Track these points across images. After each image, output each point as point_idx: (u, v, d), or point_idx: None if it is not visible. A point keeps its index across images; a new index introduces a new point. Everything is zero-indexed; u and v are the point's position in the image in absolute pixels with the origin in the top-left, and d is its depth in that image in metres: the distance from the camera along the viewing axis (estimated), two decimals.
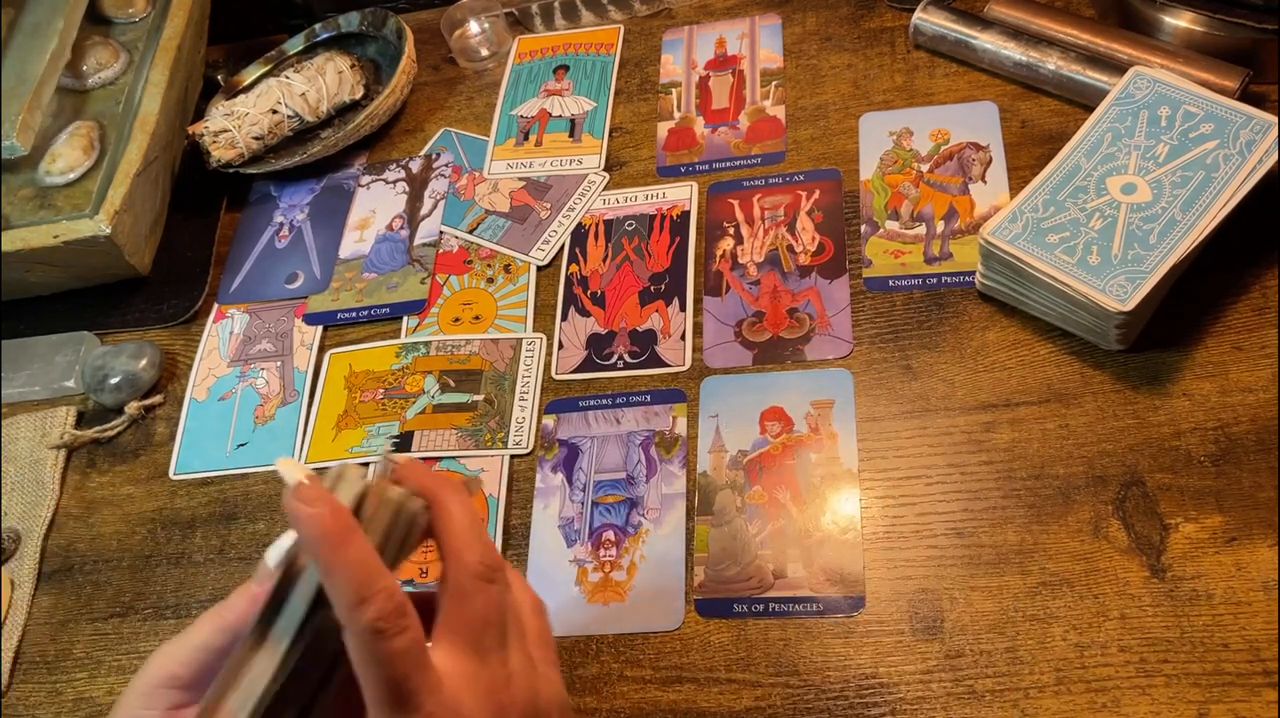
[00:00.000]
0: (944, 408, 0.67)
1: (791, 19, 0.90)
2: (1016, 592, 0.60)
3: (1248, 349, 0.64)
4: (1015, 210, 0.67)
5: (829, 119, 0.83)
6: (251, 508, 0.75)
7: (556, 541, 0.68)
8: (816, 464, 0.67)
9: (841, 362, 0.71)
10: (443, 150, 0.92)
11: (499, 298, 0.81)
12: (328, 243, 0.88)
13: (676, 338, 0.75)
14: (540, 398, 0.75)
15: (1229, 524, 0.59)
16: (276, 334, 0.84)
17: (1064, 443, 0.64)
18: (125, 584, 0.74)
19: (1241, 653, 0.55)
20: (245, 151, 0.91)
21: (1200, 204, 0.64)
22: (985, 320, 0.70)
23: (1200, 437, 0.62)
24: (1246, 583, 0.57)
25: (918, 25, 0.83)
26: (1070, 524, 0.61)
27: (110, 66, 0.92)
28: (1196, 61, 0.74)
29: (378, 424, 0.76)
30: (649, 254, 0.80)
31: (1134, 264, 0.63)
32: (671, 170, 0.84)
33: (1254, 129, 0.66)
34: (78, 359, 0.85)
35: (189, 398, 0.82)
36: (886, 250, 0.74)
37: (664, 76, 0.90)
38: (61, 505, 0.79)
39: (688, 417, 0.71)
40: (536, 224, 0.84)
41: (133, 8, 0.96)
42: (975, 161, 0.77)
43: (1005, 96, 0.80)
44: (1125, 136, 0.68)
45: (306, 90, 0.92)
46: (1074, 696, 0.56)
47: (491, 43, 0.97)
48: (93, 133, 0.88)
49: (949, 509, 0.63)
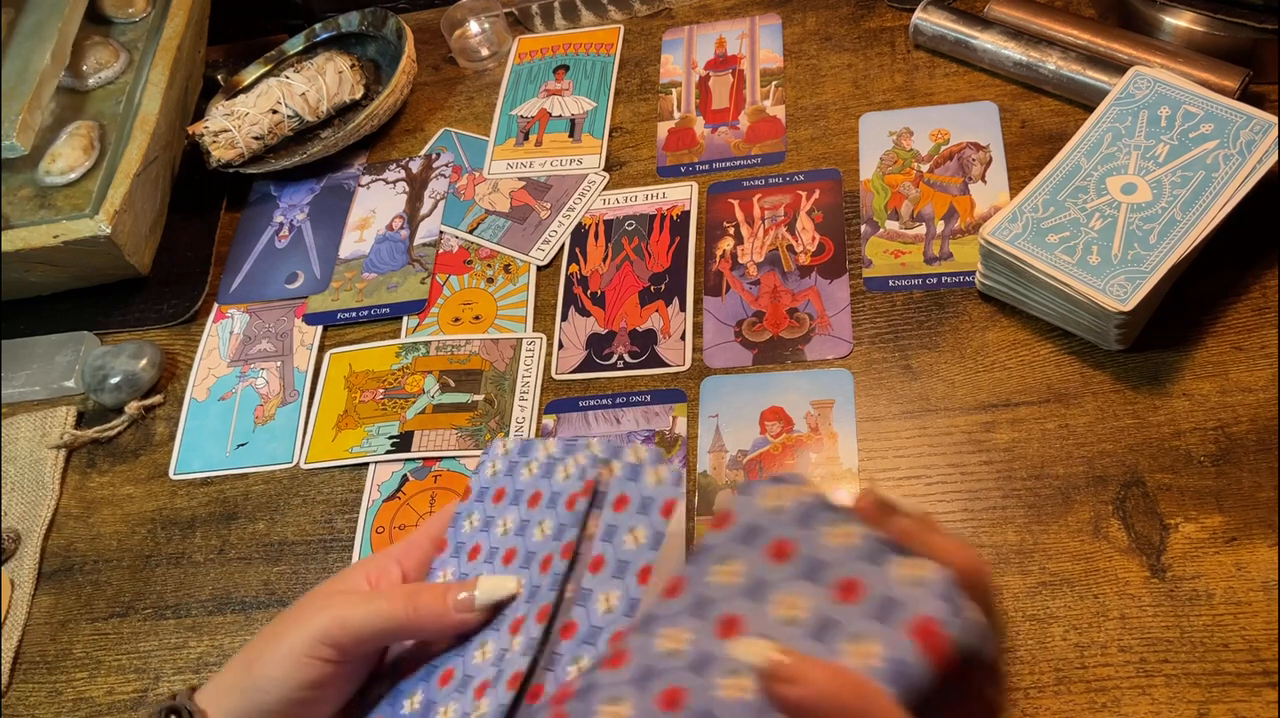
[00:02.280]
0: (944, 408, 0.67)
1: (791, 19, 0.90)
2: (1016, 592, 0.60)
3: (1248, 349, 0.64)
4: (1015, 210, 0.67)
5: (829, 119, 0.83)
6: (251, 508, 0.75)
7: None
8: (816, 464, 0.67)
9: (841, 362, 0.71)
10: (443, 150, 0.92)
11: (499, 298, 0.81)
12: (328, 243, 0.88)
13: (676, 338, 0.75)
14: (540, 398, 0.75)
15: (1229, 524, 0.59)
16: (276, 334, 0.84)
17: (1064, 443, 0.64)
18: (125, 584, 0.74)
19: (1241, 653, 0.55)
20: (245, 151, 0.91)
21: (1200, 204, 0.64)
22: (985, 320, 0.70)
23: (1200, 437, 0.62)
24: (1246, 583, 0.57)
25: (918, 25, 0.83)
26: (1070, 524, 0.61)
27: (110, 66, 0.92)
28: (1196, 61, 0.74)
29: (378, 424, 0.76)
30: (649, 254, 0.80)
31: (1134, 264, 0.63)
32: (671, 170, 0.84)
33: (1254, 129, 0.66)
34: (78, 359, 0.85)
35: (189, 398, 0.82)
36: (886, 250, 0.74)
37: (664, 76, 0.90)
38: (61, 505, 0.79)
39: (688, 417, 0.71)
40: (536, 224, 0.84)
41: (133, 8, 0.96)
42: (975, 161, 0.77)
43: (1005, 96, 0.80)
44: (1125, 136, 0.68)
45: (306, 90, 0.92)
46: (1074, 696, 0.56)
47: (491, 43, 0.97)
48: (93, 133, 0.88)
49: (949, 509, 0.63)
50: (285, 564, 0.72)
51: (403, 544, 0.49)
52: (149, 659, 0.70)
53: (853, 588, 0.31)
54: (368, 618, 0.44)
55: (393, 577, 0.47)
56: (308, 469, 0.76)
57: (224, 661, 0.69)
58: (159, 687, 0.69)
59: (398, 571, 0.48)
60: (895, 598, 0.31)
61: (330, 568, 0.71)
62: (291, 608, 0.46)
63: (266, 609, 0.71)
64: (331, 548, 0.72)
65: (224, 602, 0.72)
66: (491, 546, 0.48)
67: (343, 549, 0.72)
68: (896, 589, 0.31)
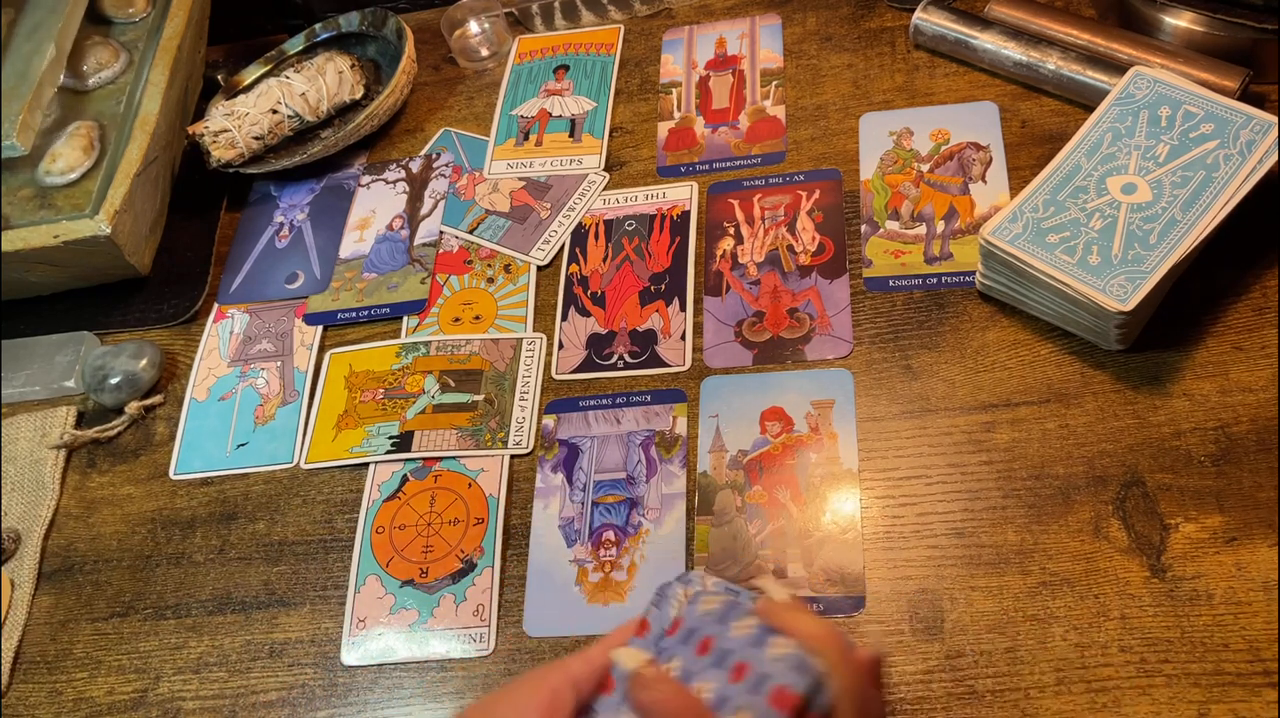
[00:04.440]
0: (944, 408, 0.67)
1: (791, 19, 0.90)
2: (1017, 592, 0.60)
3: (1248, 349, 0.64)
4: (1015, 210, 0.67)
5: (829, 119, 0.83)
6: (251, 508, 0.75)
7: (556, 541, 0.68)
8: (816, 464, 0.67)
9: (841, 362, 0.71)
10: (443, 150, 0.92)
11: (499, 298, 0.81)
12: (328, 243, 0.88)
13: (676, 338, 0.75)
14: (540, 398, 0.75)
15: (1229, 524, 0.59)
16: (276, 334, 0.84)
17: (1064, 443, 0.64)
18: (125, 584, 0.74)
19: (1241, 653, 0.55)
20: (245, 151, 0.91)
21: (1200, 204, 0.64)
22: (985, 320, 0.70)
23: (1200, 437, 0.62)
24: (1246, 583, 0.57)
25: (918, 25, 0.83)
26: (1070, 524, 0.61)
27: (110, 66, 0.92)
28: (1196, 61, 0.74)
29: (378, 424, 0.76)
30: (649, 254, 0.80)
31: (1134, 264, 0.63)
32: (671, 170, 0.84)
33: (1254, 129, 0.66)
34: (78, 359, 0.85)
35: (189, 398, 0.82)
36: (887, 250, 0.74)
37: (664, 76, 0.90)
38: (61, 505, 0.79)
39: (688, 417, 0.71)
40: (536, 224, 0.84)
41: (133, 8, 0.96)
42: (975, 161, 0.77)
43: (1005, 96, 0.80)
44: (1125, 136, 0.68)
45: (306, 90, 0.92)
46: (1074, 696, 0.56)
47: (491, 43, 0.97)
48: (93, 133, 0.88)
49: (949, 509, 0.63)
50: (285, 564, 0.72)
51: (580, 664, 0.45)
52: (149, 659, 0.70)
53: (742, 669, 0.42)
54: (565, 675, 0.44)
55: (566, 711, 0.44)
56: (308, 469, 0.76)
57: (224, 661, 0.69)
58: (159, 687, 0.69)
59: (572, 703, 0.44)
60: (766, 673, 0.41)
61: (330, 568, 0.71)
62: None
63: (266, 609, 0.71)
64: (332, 548, 0.72)
65: (224, 602, 0.72)
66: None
67: (343, 549, 0.72)
68: (768, 666, 0.42)
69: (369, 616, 0.68)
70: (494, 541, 0.69)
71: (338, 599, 0.70)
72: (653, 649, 0.46)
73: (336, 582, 0.71)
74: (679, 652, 0.45)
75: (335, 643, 0.68)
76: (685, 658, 0.44)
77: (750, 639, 0.43)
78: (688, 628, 0.46)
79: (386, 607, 0.68)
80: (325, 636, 0.69)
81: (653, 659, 0.45)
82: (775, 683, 0.41)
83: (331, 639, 0.68)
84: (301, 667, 0.68)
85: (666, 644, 0.46)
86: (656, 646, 0.46)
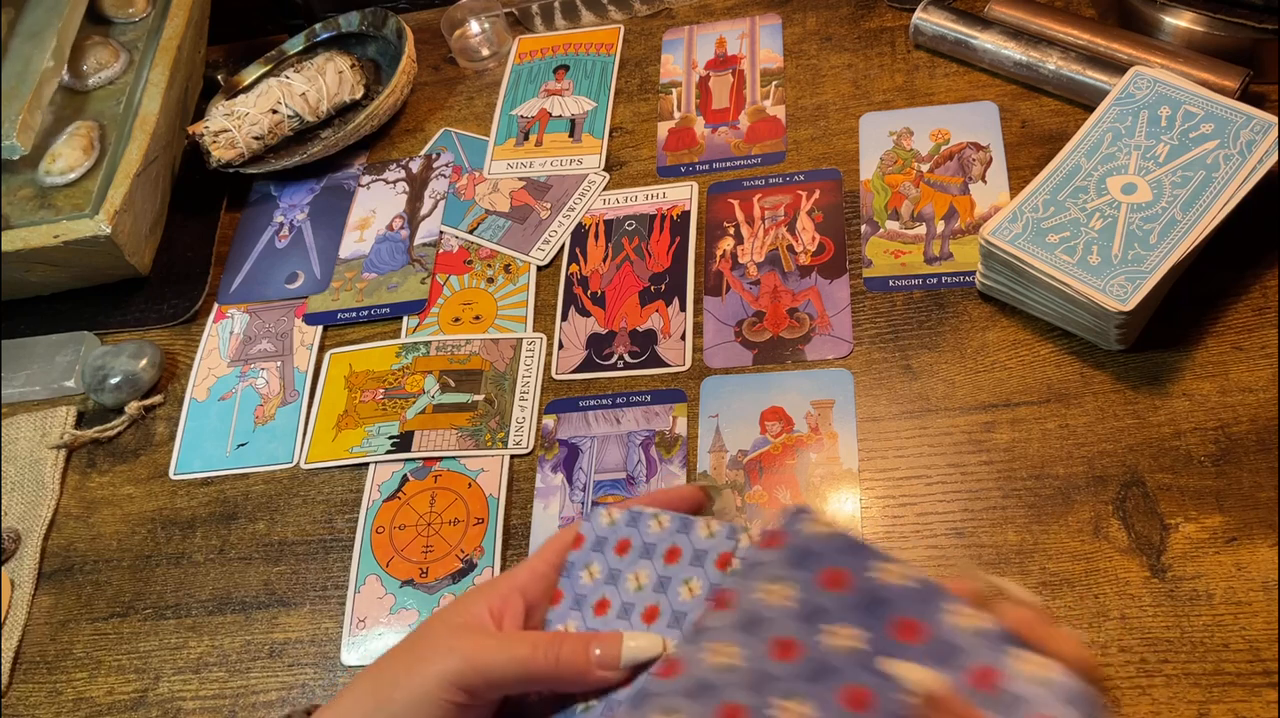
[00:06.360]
0: (944, 408, 0.67)
1: (791, 19, 0.90)
2: None
3: (1248, 349, 0.64)
4: (1015, 210, 0.67)
5: (829, 119, 0.83)
6: (251, 508, 0.75)
7: None
8: (817, 464, 0.67)
9: (841, 362, 0.71)
10: (443, 150, 0.92)
11: (499, 298, 0.81)
12: (328, 243, 0.88)
13: (676, 338, 0.75)
14: (540, 398, 0.75)
15: (1229, 524, 0.59)
16: (276, 334, 0.84)
17: (1064, 443, 0.64)
18: (125, 584, 0.74)
19: (1241, 653, 0.55)
20: (245, 151, 0.91)
21: (1200, 204, 0.64)
22: (985, 320, 0.70)
23: (1200, 437, 0.62)
24: (1246, 583, 0.57)
25: (918, 25, 0.83)
26: (1070, 524, 0.61)
27: (110, 66, 0.92)
28: (1196, 61, 0.74)
29: (378, 424, 0.76)
30: (649, 254, 0.80)
31: (1134, 264, 0.63)
32: (671, 170, 0.84)
33: (1254, 129, 0.66)
34: (78, 359, 0.85)
35: (189, 398, 0.82)
36: (886, 250, 0.74)
37: (664, 76, 0.90)
38: (61, 505, 0.79)
39: (688, 417, 0.71)
40: (536, 224, 0.84)
41: (133, 8, 0.96)
42: (975, 161, 0.77)
43: (1005, 96, 0.80)
44: (1125, 136, 0.68)
45: (306, 90, 0.92)
46: None
47: (491, 43, 0.97)
48: (93, 133, 0.88)
49: (949, 509, 0.63)
50: (285, 564, 0.72)
51: (525, 573, 0.46)
52: (149, 659, 0.71)
53: (986, 677, 0.33)
54: (506, 665, 0.42)
55: (516, 611, 0.45)
56: (308, 469, 0.76)
57: (224, 661, 0.69)
58: (159, 687, 0.69)
59: (521, 604, 0.45)
60: (1022, 696, 0.32)
61: (330, 568, 0.71)
62: (415, 639, 0.44)
63: (266, 609, 0.71)
64: (332, 548, 0.72)
65: (224, 602, 0.72)
66: (624, 601, 0.45)
67: (343, 549, 0.72)
68: (1025, 687, 0.32)
69: (369, 616, 0.68)
70: (494, 541, 0.69)
71: (338, 599, 0.70)
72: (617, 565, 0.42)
73: (336, 582, 0.71)
74: (792, 576, 0.37)
75: (335, 643, 0.68)
76: (803, 586, 0.36)
77: (984, 638, 0.34)
78: (797, 548, 0.37)
79: (387, 607, 0.68)
80: (325, 636, 0.69)
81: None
82: (1039, 713, 0.32)
83: (332, 639, 0.68)
84: (301, 667, 0.68)
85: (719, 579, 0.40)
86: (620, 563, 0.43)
